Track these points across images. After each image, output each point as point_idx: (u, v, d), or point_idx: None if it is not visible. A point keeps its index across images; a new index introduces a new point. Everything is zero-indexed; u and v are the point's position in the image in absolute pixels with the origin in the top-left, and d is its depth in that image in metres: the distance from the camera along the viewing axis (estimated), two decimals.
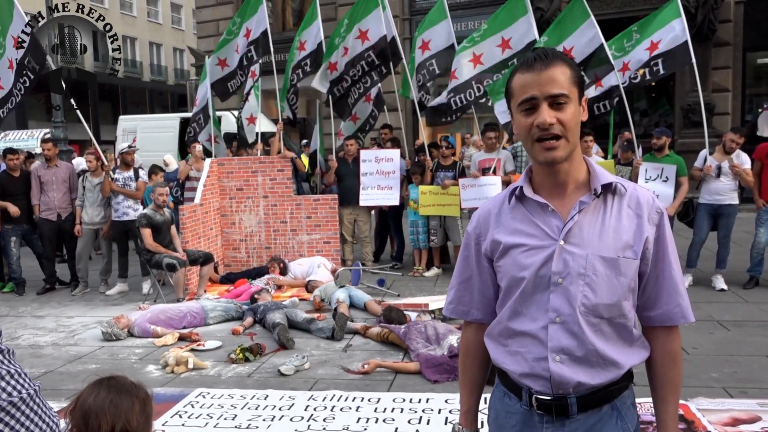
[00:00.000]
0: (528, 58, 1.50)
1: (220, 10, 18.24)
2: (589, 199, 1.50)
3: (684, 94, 12.86)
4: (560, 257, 1.48)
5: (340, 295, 6.38)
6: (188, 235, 7.66)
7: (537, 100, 1.46)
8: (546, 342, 1.50)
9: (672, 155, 7.17)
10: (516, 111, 1.52)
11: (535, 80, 1.46)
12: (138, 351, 5.53)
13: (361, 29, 8.25)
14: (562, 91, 1.45)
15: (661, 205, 1.54)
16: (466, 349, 1.77)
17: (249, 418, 3.97)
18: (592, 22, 7.07)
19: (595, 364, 1.49)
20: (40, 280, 8.19)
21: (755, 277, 6.96)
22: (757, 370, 4.53)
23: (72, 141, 14.54)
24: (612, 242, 1.48)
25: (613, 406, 1.53)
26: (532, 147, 1.49)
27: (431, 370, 4.56)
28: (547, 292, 1.50)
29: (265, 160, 8.68)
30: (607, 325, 1.50)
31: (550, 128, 1.45)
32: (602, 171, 1.54)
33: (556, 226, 1.51)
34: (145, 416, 1.54)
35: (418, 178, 8.16)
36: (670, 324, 1.55)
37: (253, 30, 8.60)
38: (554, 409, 1.52)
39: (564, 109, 1.46)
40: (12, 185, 7.90)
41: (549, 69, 1.45)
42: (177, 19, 38.21)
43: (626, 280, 1.48)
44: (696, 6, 12.28)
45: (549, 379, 1.50)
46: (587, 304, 1.47)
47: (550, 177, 1.54)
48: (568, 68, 1.48)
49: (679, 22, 7.09)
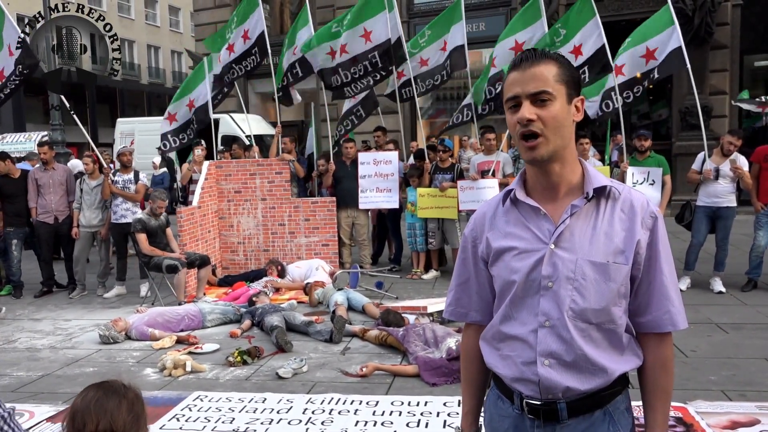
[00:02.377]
0: (517, 57, 1.52)
1: (218, 13, 18.23)
2: (581, 202, 1.49)
3: (681, 96, 12.89)
4: (550, 261, 1.48)
5: (338, 297, 6.37)
6: (186, 237, 7.65)
7: (520, 97, 1.47)
8: (535, 346, 1.49)
9: (653, 156, 7.25)
10: (506, 109, 1.53)
11: (520, 78, 1.48)
12: (135, 354, 5.51)
13: (366, 29, 8.26)
14: (544, 89, 1.45)
15: (656, 209, 1.52)
16: (466, 351, 1.77)
17: (247, 422, 3.95)
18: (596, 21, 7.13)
19: (584, 369, 1.48)
20: (37, 282, 8.17)
21: (754, 280, 6.96)
22: (756, 373, 4.53)
23: (70, 143, 14.52)
24: (603, 247, 1.47)
25: (605, 411, 1.51)
26: (519, 145, 1.51)
27: (429, 373, 4.56)
28: (538, 295, 1.50)
29: (263, 163, 8.67)
30: (596, 330, 1.48)
31: (530, 125, 1.45)
32: (597, 174, 1.53)
33: (547, 230, 1.50)
34: (134, 416, 1.54)
35: (416, 180, 8.16)
36: (659, 330, 1.53)
37: (251, 30, 8.57)
38: (543, 414, 1.51)
39: (546, 106, 1.45)
40: (10, 187, 7.89)
41: (534, 67, 1.47)
42: (175, 22, 38.21)
43: (615, 286, 1.47)
44: (693, 9, 12.31)
45: (538, 383, 1.49)
46: (575, 308, 1.47)
47: (541, 178, 1.54)
48: (556, 66, 1.47)
49: (673, 28, 7.11)
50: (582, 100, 1.53)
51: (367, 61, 8.34)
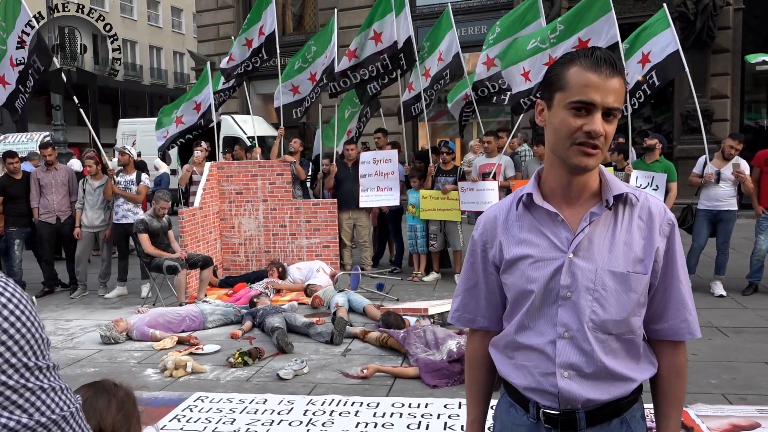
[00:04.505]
0: (595, 55, 1.38)
1: (220, 14, 18.27)
2: (600, 210, 1.45)
3: (683, 100, 12.89)
4: (569, 271, 1.44)
5: (339, 299, 6.38)
6: (187, 238, 7.66)
7: (595, 106, 1.37)
8: (554, 357, 1.46)
9: (662, 161, 7.16)
10: (562, 106, 1.41)
11: (600, 85, 1.36)
12: (137, 354, 5.52)
13: (376, 30, 8.28)
14: (619, 106, 1.39)
15: (672, 216, 1.49)
16: (471, 357, 1.72)
17: (248, 423, 3.96)
18: (612, 17, 6.91)
19: (604, 380, 1.45)
20: (38, 282, 8.18)
21: (754, 284, 6.96)
22: (756, 376, 4.53)
23: (71, 144, 14.56)
24: (622, 257, 1.43)
25: (622, 420, 1.49)
26: (569, 148, 1.40)
27: (430, 375, 4.56)
28: (555, 305, 1.46)
29: (265, 164, 8.68)
30: (616, 341, 1.46)
31: (597, 139, 1.38)
32: (614, 180, 1.49)
33: (565, 238, 1.45)
34: (123, 414, 1.54)
35: (417, 182, 8.17)
36: (676, 339, 1.51)
37: (267, 26, 8.60)
38: (561, 424, 1.48)
39: (612, 122, 1.40)
40: (13, 188, 7.91)
41: (614, 78, 1.37)
42: (177, 23, 38.27)
43: (636, 296, 1.44)
44: (695, 13, 12.32)
45: (557, 395, 1.46)
46: (596, 320, 1.43)
47: (564, 184, 1.47)
48: (624, 83, 1.41)
49: (669, 32, 7.03)
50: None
51: (378, 62, 8.36)
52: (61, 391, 0.95)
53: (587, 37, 7.02)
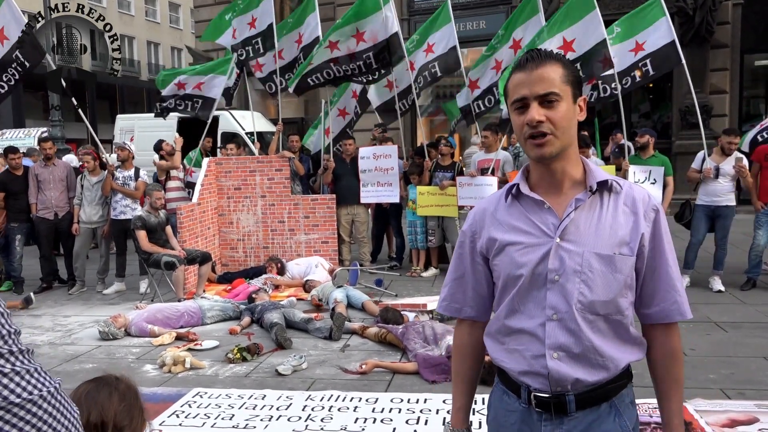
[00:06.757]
0: (522, 58, 1.52)
1: (218, 9, 18.10)
2: (584, 196, 1.52)
3: (681, 95, 12.87)
4: (556, 255, 1.49)
5: (337, 295, 6.37)
6: (186, 234, 7.65)
7: (527, 99, 1.48)
8: (544, 339, 1.51)
9: (658, 155, 7.19)
10: (511, 110, 1.54)
11: (526, 80, 1.48)
12: (135, 350, 5.51)
13: (359, 29, 8.19)
14: (552, 90, 1.46)
15: (657, 202, 1.55)
16: (458, 346, 1.77)
17: (246, 418, 3.96)
18: (597, 15, 6.86)
19: (592, 360, 1.50)
20: (37, 278, 8.16)
21: (753, 279, 6.97)
22: (755, 371, 4.54)
23: (69, 140, 14.53)
24: (608, 239, 1.49)
25: (611, 404, 1.53)
26: (525, 144, 1.52)
27: (429, 371, 4.56)
28: (544, 289, 1.51)
29: (263, 160, 8.67)
30: (603, 321, 1.50)
31: (539, 126, 1.46)
32: (598, 169, 1.56)
33: (552, 224, 1.52)
34: (126, 405, 1.55)
35: (416, 178, 8.16)
36: (667, 321, 1.56)
37: (258, 19, 8.52)
38: (552, 407, 1.52)
39: (554, 107, 1.47)
40: (15, 184, 7.89)
41: (540, 68, 1.47)
42: (175, 18, 38.17)
43: (622, 277, 1.49)
44: (694, 8, 12.29)
45: (547, 376, 1.51)
46: (583, 301, 1.48)
47: (545, 175, 1.55)
48: (561, 67, 1.49)
49: (664, 21, 6.96)
50: (585, 99, 1.56)
51: (361, 61, 8.21)
52: (29, 373, 0.96)
53: (572, 37, 6.98)
